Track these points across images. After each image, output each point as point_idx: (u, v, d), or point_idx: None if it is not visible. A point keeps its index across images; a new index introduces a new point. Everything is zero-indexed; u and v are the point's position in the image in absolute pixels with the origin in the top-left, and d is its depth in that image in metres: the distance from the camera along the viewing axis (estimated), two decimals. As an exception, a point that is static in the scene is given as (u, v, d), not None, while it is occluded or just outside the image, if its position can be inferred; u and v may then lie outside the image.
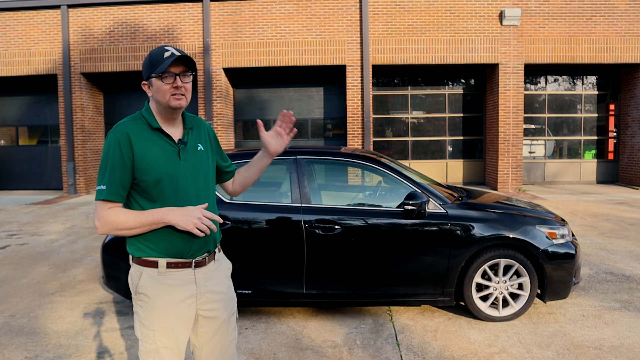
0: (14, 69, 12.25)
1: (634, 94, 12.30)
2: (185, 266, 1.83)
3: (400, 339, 3.49)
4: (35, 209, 10.04)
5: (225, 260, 2.07)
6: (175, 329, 1.83)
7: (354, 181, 6.83)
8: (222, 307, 1.95)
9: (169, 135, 1.84)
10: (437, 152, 13.14)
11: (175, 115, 1.87)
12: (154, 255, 1.80)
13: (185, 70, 1.81)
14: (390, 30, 11.63)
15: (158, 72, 1.75)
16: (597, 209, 8.96)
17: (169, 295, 1.81)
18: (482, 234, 3.65)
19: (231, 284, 2.05)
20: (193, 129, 1.94)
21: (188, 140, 1.89)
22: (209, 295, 1.90)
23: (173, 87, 1.78)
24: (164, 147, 1.83)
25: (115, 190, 1.76)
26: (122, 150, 1.75)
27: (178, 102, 1.79)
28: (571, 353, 3.24)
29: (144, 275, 1.82)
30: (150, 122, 1.84)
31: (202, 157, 1.92)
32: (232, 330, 2.01)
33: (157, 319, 1.81)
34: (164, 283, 1.81)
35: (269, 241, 3.67)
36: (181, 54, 1.79)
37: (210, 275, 1.91)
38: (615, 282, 4.71)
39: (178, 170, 1.83)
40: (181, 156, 1.84)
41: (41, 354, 3.33)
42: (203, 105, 11.96)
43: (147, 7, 11.91)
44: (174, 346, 1.84)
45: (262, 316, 3.95)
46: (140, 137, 1.80)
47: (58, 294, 4.62)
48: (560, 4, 11.54)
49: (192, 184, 1.86)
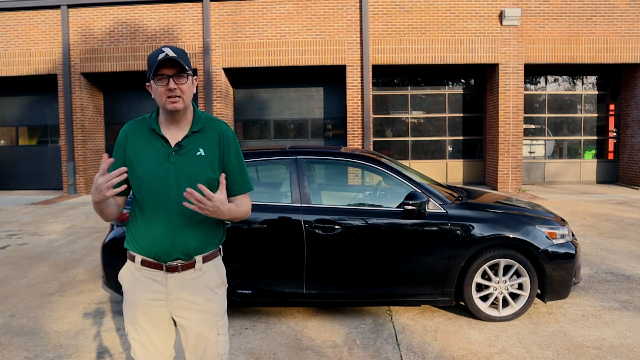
0: (14, 69, 12.25)
1: (634, 94, 12.30)
2: (158, 268, 1.85)
3: (400, 339, 3.49)
4: (35, 209, 10.04)
5: (215, 271, 1.93)
6: (142, 325, 1.90)
7: (354, 181, 6.83)
8: (196, 318, 1.88)
9: (164, 138, 1.84)
10: (437, 152, 13.14)
11: (177, 118, 1.84)
12: (133, 250, 1.88)
13: (180, 71, 1.77)
14: (390, 30, 11.63)
15: (152, 75, 1.76)
16: (597, 209, 8.96)
17: (138, 291, 1.88)
18: (482, 234, 3.65)
19: (215, 297, 1.91)
20: (201, 132, 1.87)
21: (187, 144, 1.84)
22: (181, 302, 1.87)
23: (167, 89, 1.76)
24: (156, 148, 1.84)
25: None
26: (119, 150, 1.89)
27: (173, 105, 1.77)
28: (571, 353, 3.24)
29: (125, 266, 1.94)
30: (151, 123, 1.86)
31: (199, 163, 1.83)
32: (212, 345, 1.91)
33: (127, 311, 1.93)
34: (137, 278, 1.88)
35: (269, 241, 3.66)
36: (175, 54, 1.75)
37: (185, 283, 1.86)
38: (615, 282, 4.71)
39: (163, 173, 1.81)
40: (171, 159, 1.82)
41: (41, 354, 3.33)
42: (203, 106, 11.96)
43: (147, 7, 11.91)
44: (145, 342, 1.91)
45: (262, 316, 3.95)
46: (137, 137, 1.86)
47: (58, 294, 4.62)
48: (560, 4, 11.54)
49: (176, 188, 1.80)
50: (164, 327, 1.92)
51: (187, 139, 1.85)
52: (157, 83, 1.77)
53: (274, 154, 3.98)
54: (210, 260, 1.92)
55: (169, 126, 1.86)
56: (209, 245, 1.90)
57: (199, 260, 1.87)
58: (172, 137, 1.85)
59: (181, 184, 1.80)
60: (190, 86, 1.83)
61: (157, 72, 1.76)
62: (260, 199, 3.85)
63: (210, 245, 1.91)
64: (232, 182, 1.91)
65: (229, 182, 1.91)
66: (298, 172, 3.82)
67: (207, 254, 1.90)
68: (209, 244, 1.90)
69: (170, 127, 1.86)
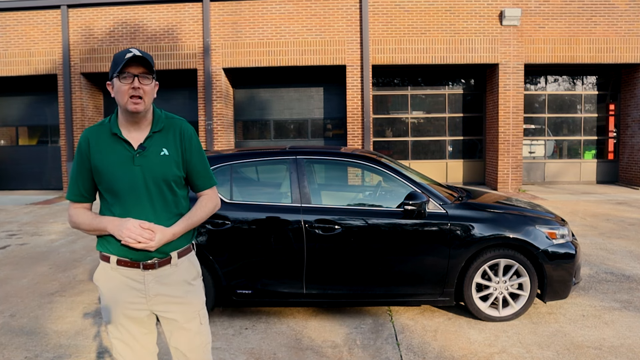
0: (14, 69, 12.25)
1: (634, 94, 12.30)
2: (134, 266, 1.86)
3: (400, 339, 3.49)
4: (35, 209, 10.04)
5: (190, 265, 1.98)
6: (123, 323, 1.91)
7: (354, 181, 6.83)
8: (178, 311, 1.92)
9: (127, 141, 1.83)
10: (437, 152, 13.14)
11: (137, 119, 1.84)
12: (107, 251, 1.88)
13: (146, 72, 1.78)
14: (390, 30, 11.63)
15: (117, 72, 1.76)
16: (597, 209, 8.96)
17: (116, 290, 1.89)
18: (482, 234, 3.65)
19: (193, 289, 1.97)
20: (162, 131, 1.89)
21: (150, 144, 1.85)
22: (160, 297, 1.90)
23: (131, 87, 1.76)
24: (119, 152, 1.83)
25: (75, 192, 1.90)
26: (82, 155, 1.87)
27: (135, 106, 1.77)
28: (571, 353, 3.24)
29: (99, 268, 1.95)
30: (111, 127, 1.86)
31: (164, 162, 1.85)
32: (195, 335, 1.96)
33: (106, 311, 1.94)
34: (114, 278, 1.89)
35: (269, 241, 3.66)
36: (142, 55, 1.77)
37: (162, 278, 1.89)
38: (615, 282, 4.71)
39: (131, 176, 1.81)
40: (136, 162, 1.82)
41: (41, 354, 3.33)
42: (203, 106, 11.97)
43: (147, 7, 11.91)
44: (128, 340, 1.93)
45: (262, 316, 3.95)
46: (99, 143, 1.85)
47: (58, 294, 4.62)
48: (560, 4, 11.54)
49: (146, 190, 1.82)
50: (146, 324, 1.95)
51: (149, 140, 1.85)
52: (122, 81, 1.77)
53: (274, 154, 3.98)
54: (185, 254, 1.96)
55: (130, 128, 1.86)
56: (183, 240, 1.94)
57: (175, 256, 1.91)
58: (133, 140, 1.85)
59: (149, 184, 1.83)
60: (153, 89, 1.83)
61: (123, 70, 1.76)
62: (261, 199, 3.85)
63: (184, 241, 1.95)
64: (195, 178, 1.97)
65: (193, 178, 1.96)
66: (298, 172, 3.82)
67: (181, 250, 1.94)
68: (183, 239, 1.93)
69: (130, 129, 1.86)
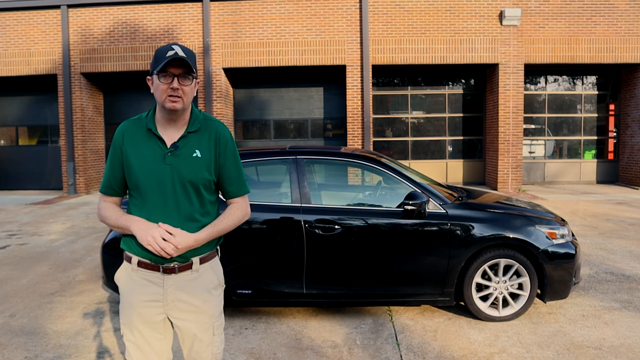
0: (14, 69, 12.25)
1: (634, 94, 12.29)
2: (154, 269, 1.82)
3: (400, 339, 3.49)
4: (35, 209, 10.04)
5: (212, 273, 1.91)
6: (138, 326, 1.87)
7: (354, 181, 6.83)
8: (193, 319, 1.87)
9: (160, 138, 1.80)
10: (437, 152, 13.14)
11: (174, 117, 1.80)
12: (130, 251, 1.85)
13: (186, 72, 1.75)
14: (390, 30, 11.63)
15: (157, 70, 1.73)
16: (597, 209, 8.96)
17: (135, 293, 1.86)
18: (482, 234, 3.65)
19: (212, 299, 1.90)
20: (197, 132, 1.84)
21: (184, 144, 1.81)
22: (177, 303, 1.85)
23: (170, 87, 1.73)
24: (152, 149, 1.80)
25: (107, 185, 1.88)
26: (116, 147, 1.85)
27: (172, 104, 1.74)
28: (571, 353, 3.24)
29: (121, 267, 1.92)
30: (147, 122, 1.83)
31: (195, 164, 1.80)
32: (206, 346, 1.92)
33: (123, 312, 1.91)
34: (134, 280, 1.86)
35: (269, 241, 3.66)
36: (185, 55, 1.73)
37: (182, 284, 1.84)
38: (615, 282, 4.71)
39: (159, 174, 1.78)
40: (166, 160, 1.78)
41: (41, 354, 3.33)
42: (203, 106, 11.97)
43: (147, 7, 11.90)
44: (141, 343, 1.88)
45: (262, 316, 3.95)
46: (134, 137, 1.83)
47: (58, 294, 4.62)
48: (560, 4, 11.54)
49: (172, 191, 1.78)
50: (160, 329, 1.89)
51: (183, 140, 1.81)
52: (161, 80, 1.73)
53: (274, 154, 3.98)
54: (208, 261, 1.90)
55: (166, 125, 1.82)
56: (206, 247, 1.87)
57: (196, 261, 1.85)
58: (168, 137, 1.81)
59: (177, 185, 1.78)
60: (193, 89, 1.80)
61: (163, 69, 1.72)
62: (261, 198, 3.85)
63: (208, 247, 1.88)
64: (228, 184, 1.90)
65: (225, 184, 1.89)
66: (298, 172, 3.82)
67: (204, 255, 1.87)
68: (206, 246, 1.86)
69: (166, 127, 1.82)
